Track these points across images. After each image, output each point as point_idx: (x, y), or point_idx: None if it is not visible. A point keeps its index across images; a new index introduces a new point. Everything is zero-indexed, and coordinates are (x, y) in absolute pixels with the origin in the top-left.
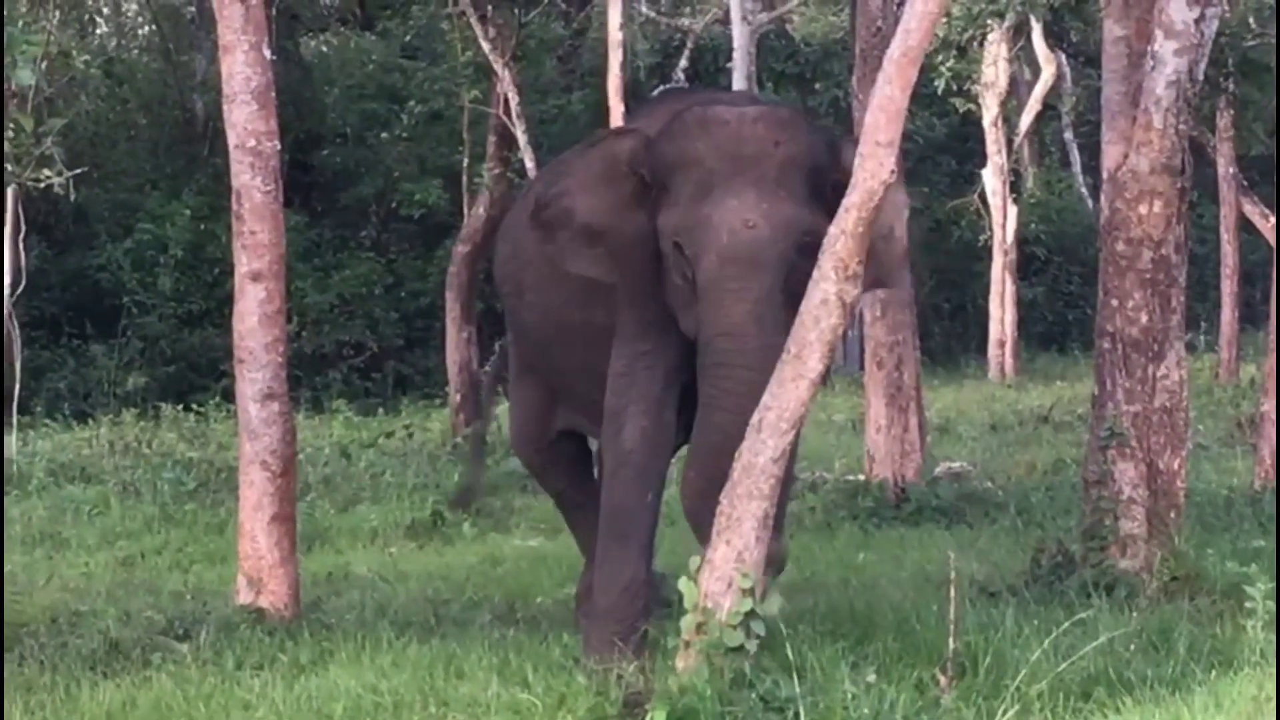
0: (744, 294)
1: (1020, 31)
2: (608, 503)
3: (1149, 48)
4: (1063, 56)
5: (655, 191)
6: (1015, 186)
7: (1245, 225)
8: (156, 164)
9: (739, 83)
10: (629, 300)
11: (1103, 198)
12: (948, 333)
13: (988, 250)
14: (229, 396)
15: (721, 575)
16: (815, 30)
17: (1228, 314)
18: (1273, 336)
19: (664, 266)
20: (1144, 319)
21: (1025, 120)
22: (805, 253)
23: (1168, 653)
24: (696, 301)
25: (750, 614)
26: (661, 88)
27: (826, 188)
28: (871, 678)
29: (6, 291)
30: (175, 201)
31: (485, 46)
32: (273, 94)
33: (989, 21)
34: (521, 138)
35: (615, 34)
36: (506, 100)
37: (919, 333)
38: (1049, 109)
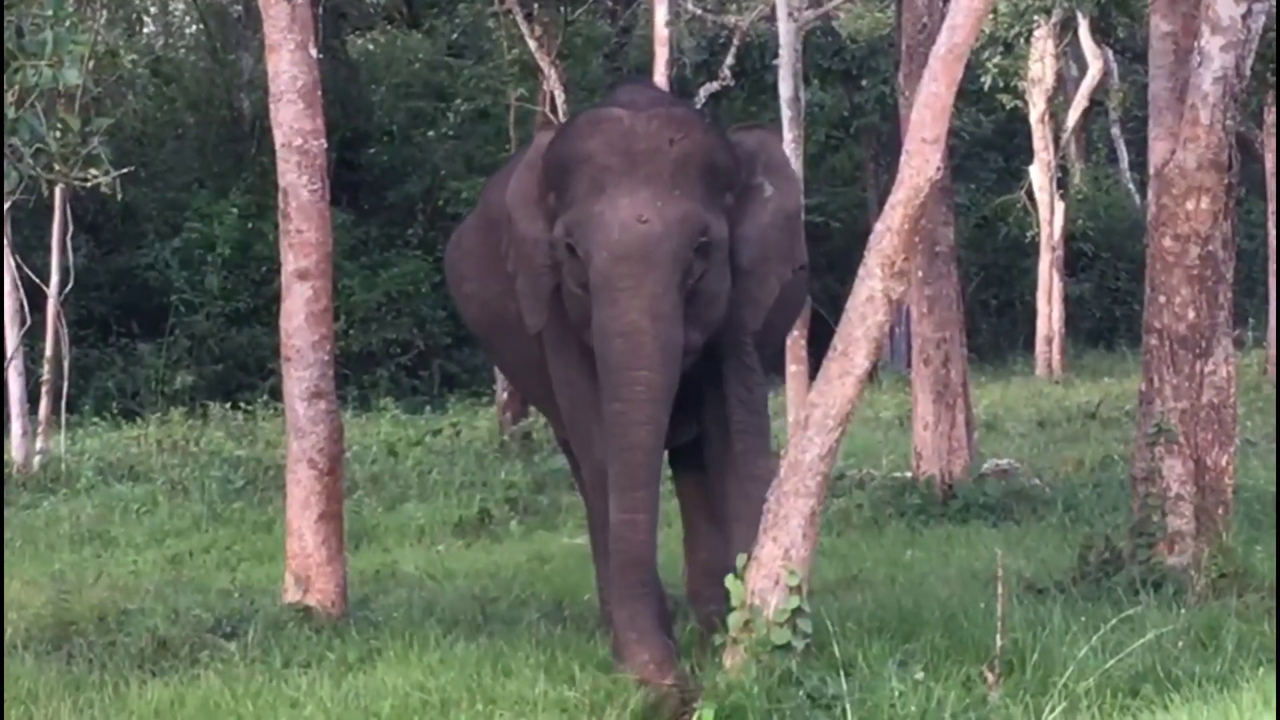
0: (638, 291)
1: (1067, 27)
2: (603, 522)
3: (1196, 43)
4: (1110, 52)
5: (552, 199)
6: (1062, 183)
7: None
8: (204, 163)
9: (785, 79)
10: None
11: (1150, 194)
12: (995, 329)
13: (1035, 247)
14: (276, 395)
15: (768, 573)
16: (861, 27)
17: (1276, 310)
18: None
19: (561, 275)
20: (1191, 315)
21: (1072, 116)
22: (703, 254)
23: (1216, 650)
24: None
25: (797, 611)
26: (711, 84)
27: (727, 190)
28: (919, 675)
29: (54, 291)
30: (222, 200)
31: (531, 44)
32: (319, 93)
33: (1035, 17)
34: None
35: (661, 31)
36: (553, 98)
37: (966, 329)
38: (1096, 105)
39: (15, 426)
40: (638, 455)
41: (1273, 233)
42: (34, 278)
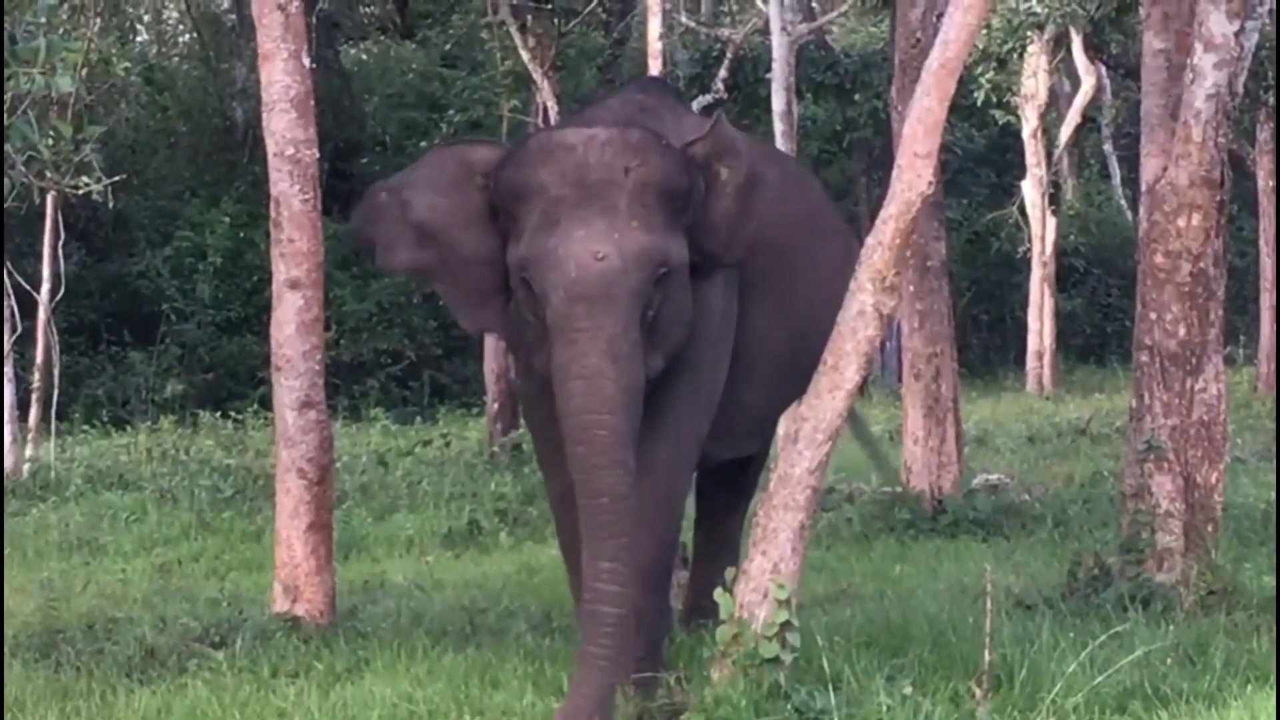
0: (597, 333)
1: (1060, 43)
2: (573, 531)
3: (1189, 60)
4: (1103, 68)
5: (504, 221)
6: (1054, 198)
7: None
8: (196, 171)
9: (778, 93)
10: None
11: (1141, 210)
12: (986, 344)
13: (1026, 262)
14: (267, 404)
15: (757, 586)
16: (855, 41)
17: (1267, 327)
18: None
19: (514, 301)
20: (1182, 332)
21: (1065, 132)
22: (662, 284)
23: (1204, 667)
24: (549, 339)
25: (786, 625)
26: (704, 97)
27: (685, 210)
28: (907, 690)
29: (45, 298)
30: (214, 209)
31: (525, 56)
32: (312, 102)
33: (1029, 33)
34: None
35: (655, 44)
36: (546, 110)
37: (957, 344)
38: (1089, 121)
39: (5, 433)
40: (604, 501)
41: (1264, 250)
42: (25, 285)
